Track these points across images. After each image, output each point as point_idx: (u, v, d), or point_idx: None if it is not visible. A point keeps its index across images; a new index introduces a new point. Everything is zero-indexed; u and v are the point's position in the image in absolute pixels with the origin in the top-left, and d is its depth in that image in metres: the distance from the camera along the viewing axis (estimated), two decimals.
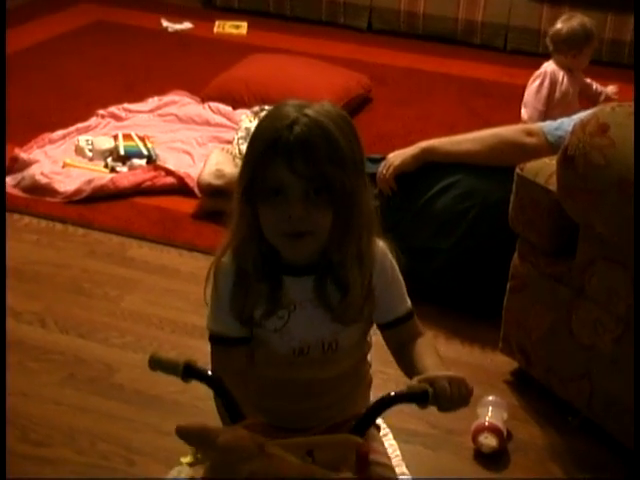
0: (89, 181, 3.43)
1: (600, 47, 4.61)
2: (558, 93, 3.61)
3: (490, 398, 2.30)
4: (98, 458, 2.16)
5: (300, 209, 1.28)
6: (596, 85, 3.87)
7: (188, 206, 3.37)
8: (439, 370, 1.31)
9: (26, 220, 3.27)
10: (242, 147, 3.49)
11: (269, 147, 1.29)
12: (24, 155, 3.57)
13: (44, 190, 3.42)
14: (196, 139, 3.89)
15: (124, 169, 3.58)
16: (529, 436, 2.29)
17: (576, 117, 2.40)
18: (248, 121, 3.74)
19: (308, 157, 1.27)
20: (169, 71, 4.77)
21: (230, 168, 3.33)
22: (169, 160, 3.66)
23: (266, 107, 3.84)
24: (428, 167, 2.77)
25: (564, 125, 2.54)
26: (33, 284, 2.87)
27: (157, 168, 3.56)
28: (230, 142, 3.65)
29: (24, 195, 3.41)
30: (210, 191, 3.29)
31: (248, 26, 5.55)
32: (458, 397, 1.25)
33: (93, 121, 4.02)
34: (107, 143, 3.72)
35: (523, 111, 3.68)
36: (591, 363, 2.17)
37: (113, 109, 4.12)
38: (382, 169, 2.79)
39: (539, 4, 5.22)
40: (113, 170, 3.58)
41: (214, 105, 4.15)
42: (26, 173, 3.49)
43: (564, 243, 2.22)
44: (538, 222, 2.24)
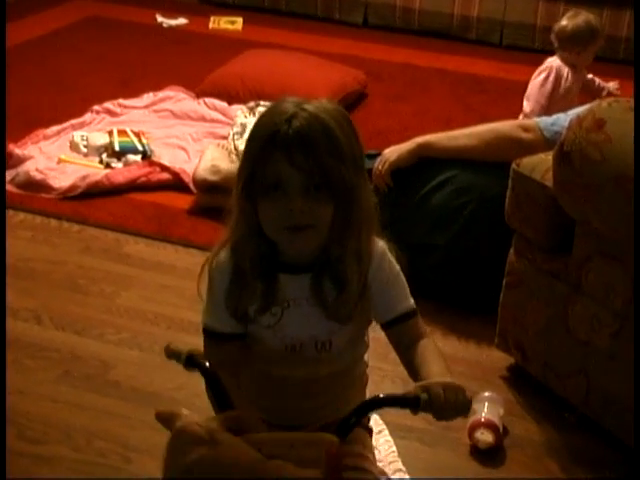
0: (84, 177, 3.43)
1: None
2: (562, 89, 3.60)
3: (486, 394, 2.30)
4: (95, 455, 2.16)
5: (300, 202, 1.28)
6: (599, 81, 3.86)
7: (183, 202, 3.36)
8: (443, 378, 1.28)
9: (21, 216, 3.26)
10: (237, 143, 3.49)
11: (268, 142, 1.28)
12: (18, 151, 3.56)
13: (39, 186, 3.40)
14: (191, 135, 3.88)
15: (119, 165, 3.58)
16: (525, 432, 2.29)
17: (572, 113, 2.39)
18: (243, 117, 3.74)
19: (307, 150, 1.27)
20: (164, 67, 4.76)
21: (225, 164, 3.33)
22: (164, 156, 3.65)
23: (261, 103, 3.84)
24: (424, 162, 2.76)
25: (560, 120, 2.54)
26: (28, 281, 2.86)
27: (152, 164, 3.55)
28: (225, 138, 3.64)
29: (19, 191, 3.39)
30: (206, 187, 3.28)
31: (243, 21, 5.55)
32: (454, 405, 1.22)
33: (88, 117, 4.01)
34: (102, 139, 3.71)
35: (525, 104, 3.66)
36: (588, 359, 2.17)
37: (108, 105, 4.11)
38: (378, 165, 2.79)
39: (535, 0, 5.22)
40: (108, 166, 3.57)
41: (209, 101, 4.14)
42: (21, 169, 3.48)
43: (560, 239, 2.21)
44: (534, 218, 2.24)
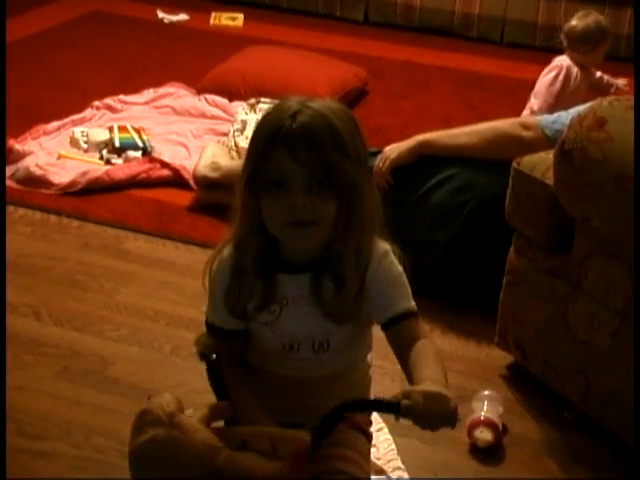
0: (84, 173, 3.42)
1: None
2: (570, 88, 3.60)
3: (486, 392, 2.30)
4: (93, 452, 2.15)
5: (303, 198, 1.28)
6: (607, 78, 3.85)
7: (184, 198, 3.36)
8: (436, 383, 1.22)
9: (20, 212, 3.25)
10: (238, 139, 3.49)
11: (271, 137, 1.29)
12: (18, 147, 3.55)
13: (39, 182, 3.40)
14: (192, 131, 3.87)
15: (119, 161, 3.57)
16: (525, 430, 2.29)
17: (573, 111, 2.39)
18: (244, 113, 3.73)
19: (311, 145, 1.27)
20: (165, 63, 4.75)
21: (226, 160, 3.33)
22: (164, 152, 3.64)
23: (262, 99, 3.84)
24: (424, 160, 2.76)
25: (561, 119, 2.53)
26: (28, 277, 2.86)
27: (152, 160, 3.55)
28: (226, 134, 3.64)
29: (18, 187, 3.39)
30: (206, 183, 3.28)
31: (244, 18, 5.53)
32: (436, 414, 1.17)
33: (88, 113, 4.00)
34: (102, 135, 3.70)
35: (533, 101, 3.65)
36: (587, 358, 2.17)
37: (108, 101, 4.10)
38: (378, 162, 2.78)
39: None
40: (108, 162, 3.56)
41: (210, 97, 4.13)
42: (20, 165, 3.47)
43: (561, 237, 2.21)
44: (534, 216, 2.24)
